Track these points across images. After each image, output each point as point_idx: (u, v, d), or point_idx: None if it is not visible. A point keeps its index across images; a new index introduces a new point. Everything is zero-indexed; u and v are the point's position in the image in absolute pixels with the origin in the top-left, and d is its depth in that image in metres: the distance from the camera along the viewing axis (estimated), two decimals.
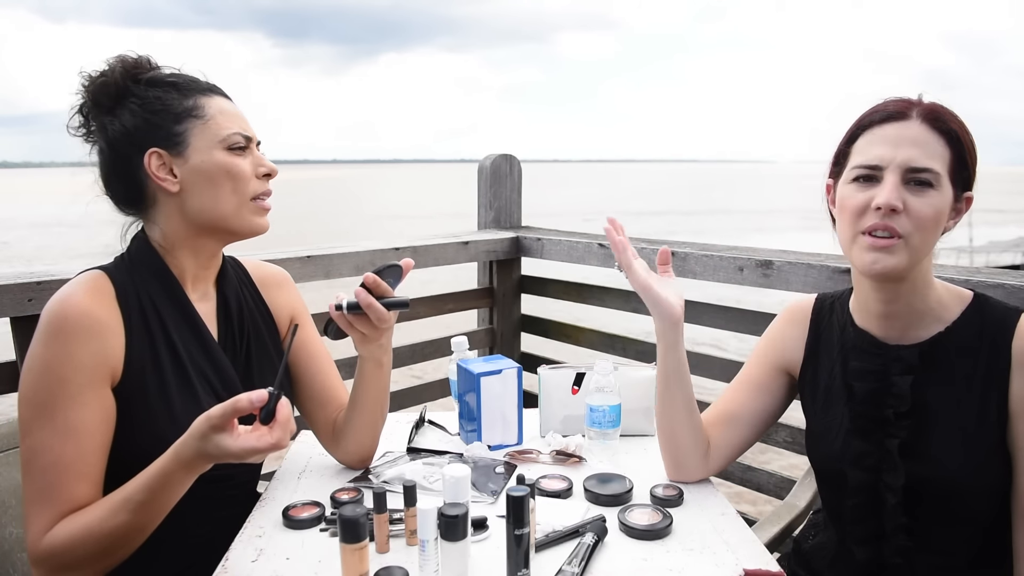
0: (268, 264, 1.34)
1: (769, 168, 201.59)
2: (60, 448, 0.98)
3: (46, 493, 0.98)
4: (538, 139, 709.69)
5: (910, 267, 1.03)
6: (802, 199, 39.82)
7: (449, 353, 1.57)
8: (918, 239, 1.00)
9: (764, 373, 1.25)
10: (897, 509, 1.06)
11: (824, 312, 1.21)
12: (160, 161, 1.08)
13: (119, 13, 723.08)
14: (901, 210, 1.00)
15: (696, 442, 1.21)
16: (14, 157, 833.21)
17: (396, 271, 1.11)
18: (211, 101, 1.11)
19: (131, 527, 0.97)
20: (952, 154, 1.01)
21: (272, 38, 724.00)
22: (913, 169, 1.00)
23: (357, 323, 1.11)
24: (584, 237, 2.51)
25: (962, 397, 1.05)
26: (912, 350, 1.08)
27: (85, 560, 0.97)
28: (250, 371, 1.21)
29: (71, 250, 18.90)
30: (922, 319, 1.08)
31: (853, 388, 1.13)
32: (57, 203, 33.61)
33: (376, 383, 1.20)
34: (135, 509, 0.96)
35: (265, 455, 0.96)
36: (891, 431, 1.08)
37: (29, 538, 0.98)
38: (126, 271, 1.11)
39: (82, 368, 1.00)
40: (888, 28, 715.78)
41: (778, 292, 1.90)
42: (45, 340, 1.01)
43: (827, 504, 1.21)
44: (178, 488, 0.97)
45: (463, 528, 0.91)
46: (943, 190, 1.01)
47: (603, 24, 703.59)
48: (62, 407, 0.99)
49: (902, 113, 1.03)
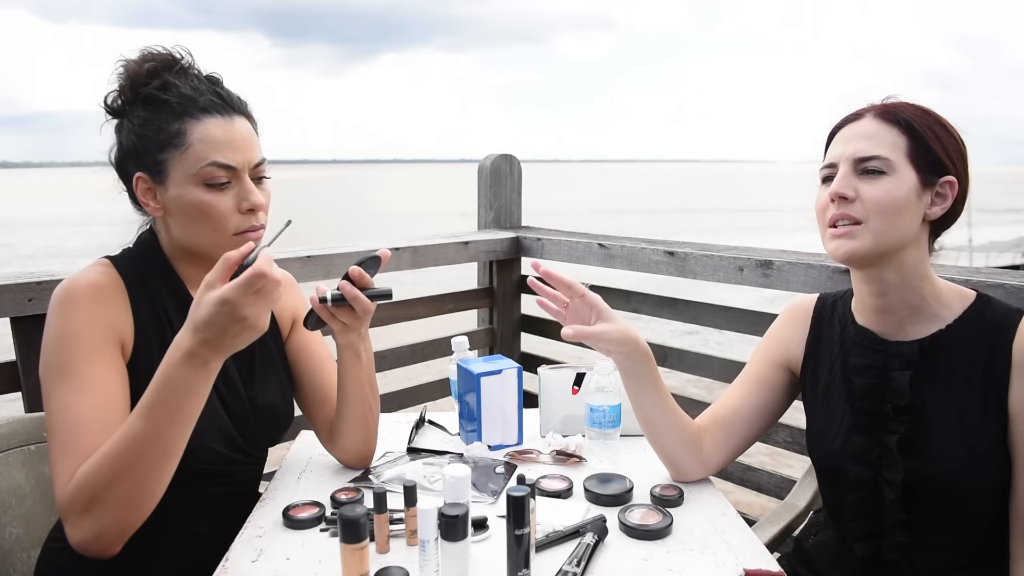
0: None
1: (770, 168, 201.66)
2: (80, 401, 0.99)
3: (69, 444, 0.97)
4: (537, 139, 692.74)
5: (877, 250, 1.05)
6: (805, 199, 39.72)
7: (449, 353, 1.57)
8: (878, 222, 1.04)
9: (766, 370, 1.26)
10: (896, 504, 1.07)
11: (826, 311, 1.23)
12: (146, 186, 1.08)
13: (119, 13, 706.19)
14: (853, 197, 1.05)
15: (687, 445, 1.21)
16: (14, 157, 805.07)
17: (375, 262, 1.13)
18: (198, 126, 1.05)
19: (146, 437, 0.93)
20: (908, 140, 1.04)
21: (271, 38, 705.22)
22: (860, 159, 1.05)
23: (339, 314, 1.12)
24: (584, 237, 2.51)
25: (961, 395, 1.06)
26: (912, 345, 1.09)
27: (107, 488, 0.93)
28: (253, 372, 1.21)
29: (76, 251, 18.90)
30: (919, 314, 1.09)
31: (853, 384, 1.14)
32: (57, 203, 33.63)
33: (356, 374, 1.20)
34: (145, 413, 0.93)
35: (258, 299, 0.91)
36: (890, 427, 1.09)
37: (56, 491, 0.96)
38: (133, 264, 1.12)
39: (96, 331, 1.03)
40: (888, 29, 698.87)
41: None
42: (59, 313, 1.04)
43: (827, 502, 1.22)
44: (181, 383, 0.93)
45: (463, 528, 0.91)
46: (899, 175, 1.04)
47: (602, 24, 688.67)
48: (79, 366, 1.01)
49: (857, 114, 1.09)
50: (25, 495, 1.28)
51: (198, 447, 1.06)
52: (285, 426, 1.26)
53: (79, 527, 0.95)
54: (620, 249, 2.33)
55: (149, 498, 0.97)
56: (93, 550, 0.96)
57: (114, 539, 0.96)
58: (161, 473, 0.96)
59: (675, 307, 2.31)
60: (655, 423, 1.20)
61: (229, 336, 0.92)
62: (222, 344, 0.93)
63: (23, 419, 1.30)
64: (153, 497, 0.97)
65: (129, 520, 0.96)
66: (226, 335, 0.92)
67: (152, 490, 0.97)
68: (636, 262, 2.29)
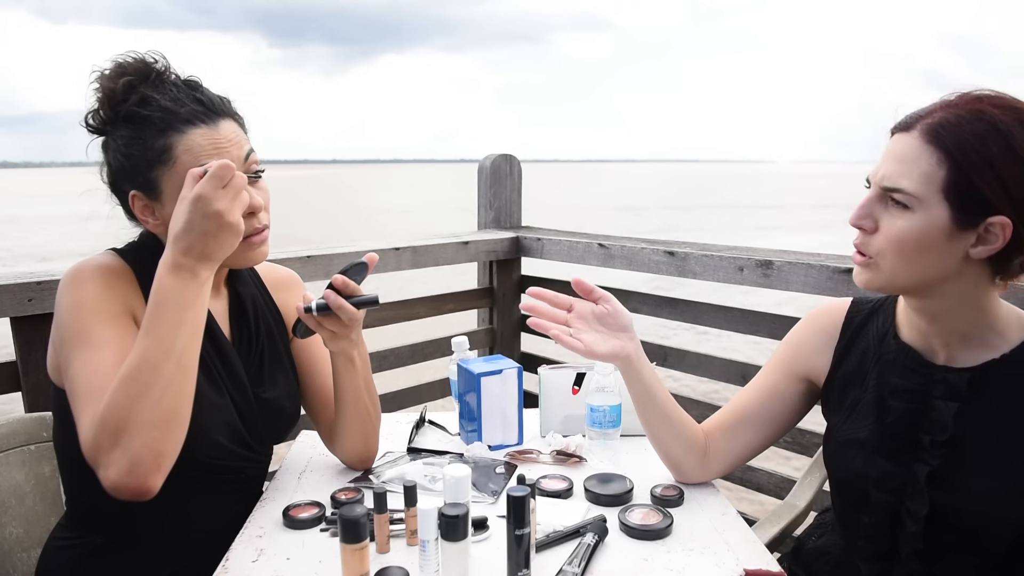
0: (278, 266, 1.35)
1: (769, 168, 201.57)
2: (99, 358, 0.98)
3: (91, 395, 0.96)
4: (536, 139, 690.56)
5: (892, 286, 0.98)
6: (806, 198, 39.81)
7: (449, 353, 1.57)
8: (891, 261, 0.95)
9: (780, 379, 1.19)
10: (916, 536, 1.00)
11: (860, 318, 1.13)
12: (143, 203, 1.07)
13: (119, 14, 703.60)
14: (870, 230, 0.97)
15: (688, 448, 1.20)
16: (14, 157, 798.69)
17: (362, 268, 1.12)
18: (182, 139, 1.03)
19: (155, 351, 0.93)
20: (947, 172, 0.90)
21: (270, 38, 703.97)
22: (887, 188, 0.94)
23: (326, 322, 1.11)
24: (584, 237, 2.51)
25: (1007, 433, 0.96)
26: (961, 375, 0.98)
27: (129, 410, 0.91)
28: (262, 370, 1.21)
29: (76, 252, 18.86)
30: (970, 340, 0.99)
31: (888, 405, 1.04)
32: (58, 203, 33.62)
33: (351, 379, 1.19)
34: (149, 329, 0.94)
35: (228, 192, 0.95)
36: (923, 457, 1.00)
37: (82, 440, 0.94)
38: (138, 257, 1.11)
39: (110, 301, 1.03)
40: (885, 29, 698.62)
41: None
42: (70, 289, 1.03)
43: (840, 512, 1.16)
44: (176, 295, 0.94)
45: (463, 528, 0.91)
46: (927, 212, 0.91)
47: (599, 25, 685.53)
48: (96, 329, 1.00)
49: (909, 123, 0.95)
50: (25, 495, 1.28)
51: (204, 440, 1.07)
52: (291, 424, 1.26)
53: (111, 464, 0.91)
54: (620, 249, 2.33)
55: (176, 416, 0.95)
56: (131, 484, 0.91)
57: (150, 467, 0.92)
58: (181, 387, 0.95)
59: (675, 307, 2.31)
60: (653, 425, 1.20)
61: (209, 237, 0.94)
62: (204, 249, 0.95)
63: (23, 419, 1.30)
64: (179, 416, 0.95)
65: (161, 443, 0.93)
66: (206, 236, 0.94)
67: (176, 406, 0.95)
68: (636, 262, 2.29)
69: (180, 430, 0.96)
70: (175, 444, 0.95)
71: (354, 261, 1.12)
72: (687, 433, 1.20)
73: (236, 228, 0.96)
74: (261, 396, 1.19)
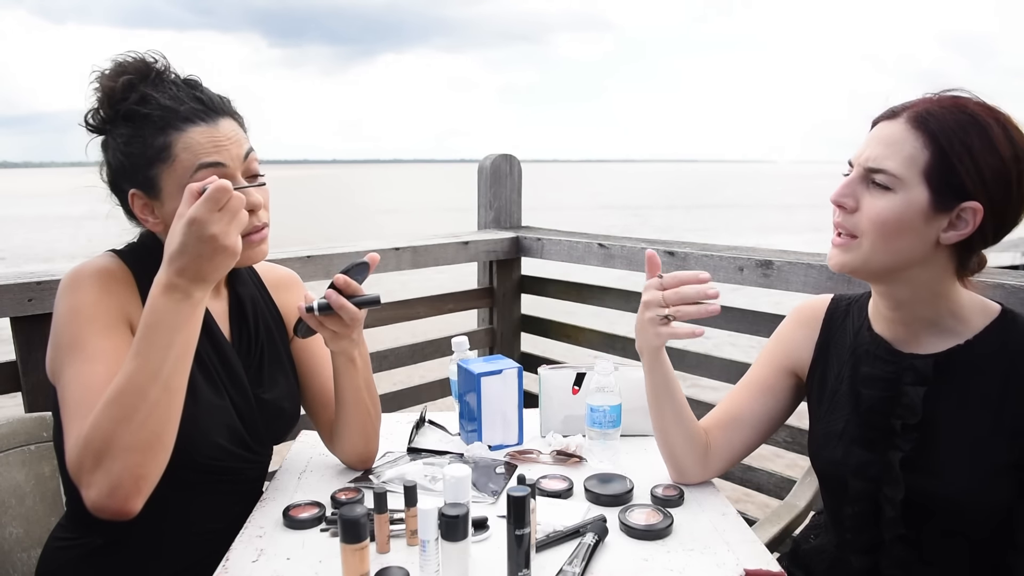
0: (278, 266, 1.35)
1: (769, 168, 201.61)
2: (91, 370, 0.98)
3: (80, 409, 0.95)
4: (536, 139, 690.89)
5: (868, 267, 1.01)
6: (805, 197, 39.83)
7: (449, 353, 1.57)
8: (871, 240, 0.98)
9: (770, 375, 1.22)
10: (896, 521, 1.03)
11: (839, 313, 1.17)
12: (143, 202, 1.07)
13: (119, 14, 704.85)
14: (852, 208, 1.00)
15: (692, 447, 1.20)
16: (14, 157, 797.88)
17: (363, 268, 1.12)
18: (181, 137, 1.03)
19: (143, 374, 0.92)
20: (930, 155, 0.94)
21: (269, 38, 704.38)
22: (870, 169, 0.98)
23: (328, 322, 1.11)
24: (584, 237, 2.51)
25: (975, 414, 1.00)
26: (927, 360, 1.03)
27: (113, 434, 0.90)
28: (261, 371, 1.21)
29: (77, 251, 18.90)
30: (935, 327, 1.04)
31: (861, 394, 1.09)
32: (57, 203, 33.60)
33: (352, 379, 1.19)
34: (138, 351, 0.93)
35: (224, 216, 0.93)
36: (896, 443, 1.04)
37: (67, 456, 0.94)
38: (138, 258, 1.11)
39: (106, 309, 1.03)
40: (885, 29, 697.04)
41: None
42: (68, 294, 1.03)
43: (828, 508, 1.19)
44: (167, 316, 0.93)
45: (464, 528, 0.91)
46: (907, 193, 0.95)
47: (599, 25, 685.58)
48: (90, 339, 1.00)
49: (894, 112, 1.00)
50: (25, 495, 1.28)
51: (204, 442, 1.07)
52: (291, 424, 1.26)
53: (93, 484, 0.91)
54: (620, 249, 2.33)
55: (160, 440, 0.94)
56: (111, 507, 0.91)
57: (130, 491, 0.92)
58: (167, 411, 0.94)
59: None
60: (666, 420, 1.19)
61: (204, 260, 0.93)
62: (199, 271, 0.94)
63: (23, 419, 1.30)
64: (163, 440, 0.94)
65: (143, 467, 0.92)
66: (200, 259, 0.93)
67: (161, 431, 0.94)
68: (636, 262, 2.29)
69: (164, 453, 0.95)
70: (158, 467, 0.95)
71: (355, 261, 1.12)
72: (693, 430, 1.21)
73: (232, 251, 0.95)
74: (261, 397, 1.19)
